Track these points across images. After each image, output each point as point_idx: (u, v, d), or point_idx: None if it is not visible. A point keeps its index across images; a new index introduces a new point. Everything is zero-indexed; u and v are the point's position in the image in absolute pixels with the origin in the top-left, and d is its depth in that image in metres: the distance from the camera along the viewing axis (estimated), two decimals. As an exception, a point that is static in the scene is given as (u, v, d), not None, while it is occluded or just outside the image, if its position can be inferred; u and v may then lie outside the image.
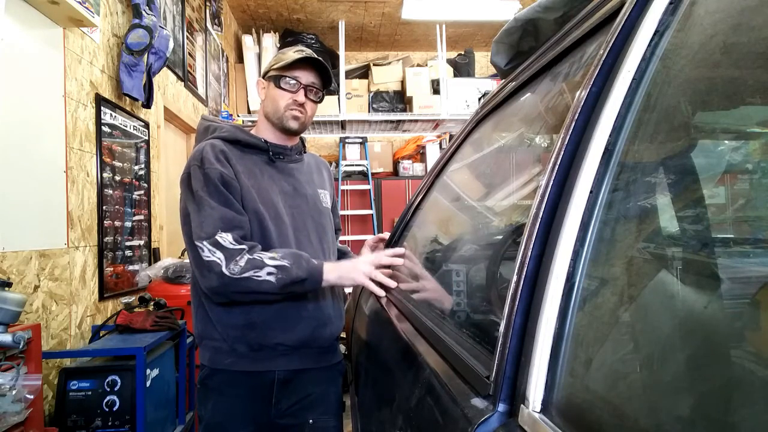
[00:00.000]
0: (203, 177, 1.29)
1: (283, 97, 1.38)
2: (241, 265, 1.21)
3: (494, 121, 1.25)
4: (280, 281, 1.22)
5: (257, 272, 1.21)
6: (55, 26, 2.08)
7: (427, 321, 1.00)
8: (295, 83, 1.38)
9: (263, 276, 1.21)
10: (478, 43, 5.99)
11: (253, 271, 1.21)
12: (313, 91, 1.41)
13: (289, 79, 1.37)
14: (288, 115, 1.39)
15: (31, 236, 1.89)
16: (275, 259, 1.23)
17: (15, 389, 1.39)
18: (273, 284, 1.22)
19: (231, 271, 1.21)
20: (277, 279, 1.22)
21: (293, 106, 1.38)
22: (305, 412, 1.39)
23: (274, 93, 1.39)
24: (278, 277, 1.22)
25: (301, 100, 1.38)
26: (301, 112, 1.40)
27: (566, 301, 0.54)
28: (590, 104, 0.62)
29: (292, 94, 1.38)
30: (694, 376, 0.45)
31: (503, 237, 1.12)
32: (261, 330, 1.32)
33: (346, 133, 5.60)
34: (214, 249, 1.22)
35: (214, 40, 4.46)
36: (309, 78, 1.39)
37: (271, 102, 1.40)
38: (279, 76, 1.38)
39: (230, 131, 1.39)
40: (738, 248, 0.65)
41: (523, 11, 1.00)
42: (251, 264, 1.22)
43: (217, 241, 1.23)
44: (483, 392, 0.62)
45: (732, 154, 0.77)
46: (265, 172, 1.39)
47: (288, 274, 1.22)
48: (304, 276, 1.24)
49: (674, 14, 0.58)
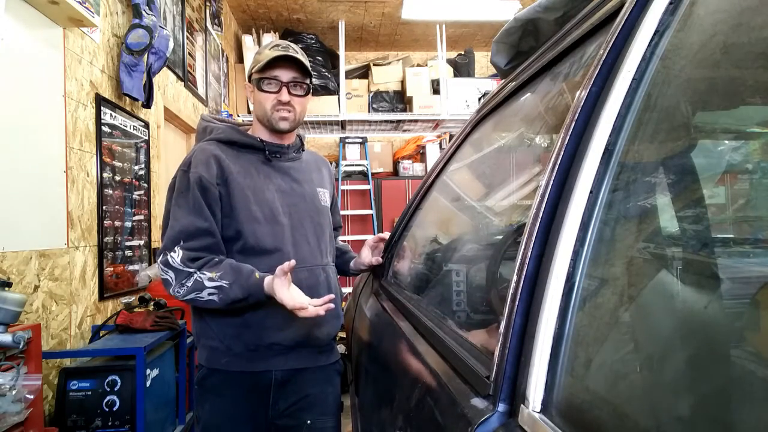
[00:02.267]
0: (183, 181, 1.32)
1: (267, 100, 1.37)
2: (187, 287, 1.26)
3: (494, 122, 1.25)
4: (222, 300, 1.25)
5: (199, 294, 1.25)
6: (55, 26, 2.08)
7: (427, 321, 1.00)
8: (276, 83, 1.36)
9: (205, 297, 1.25)
10: (478, 43, 5.99)
11: (195, 293, 1.26)
12: (297, 86, 1.38)
13: (269, 80, 1.36)
14: (276, 117, 1.38)
15: (31, 236, 1.89)
16: (213, 280, 1.25)
17: (15, 389, 1.39)
18: (217, 303, 1.25)
19: (177, 293, 1.27)
20: (219, 298, 1.25)
21: (278, 107, 1.37)
22: (303, 412, 1.38)
23: (259, 96, 1.38)
24: (219, 296, 1.25)
25: (285, 99, 1.37)
26: (289, 111, 1.38)
27: (566, 301, 0.54)
28: (590, 104, 0.62)
29: (274, 94, 1.36)
30: (694, 376, 0.45)
31: (503, 237, 1.12)
32: (256, 330, 1.32)
33: (346, 133, 5.60)
34: (166, 269, 1.28)
35: (214, 40, 4.46)
36: (289, 74, 1.37)
37: (258, 105, 1.40)
38: (259, 79, 1.37)
39: (225, 132, 1.39)
40: (738, 248, 0.65)
41: (523, 11, 1.00)
42: (193, 286, 1.26)
43: (167, 261, 1.27)
44: (483, 392, 0.62)
45: (732, 154, 0.77)
46: (261, 171, 1.39)
47: (226, 295, 1.25)
48: (242, 296, 1.25)
49: (674, 14, 0.58)
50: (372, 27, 5.48)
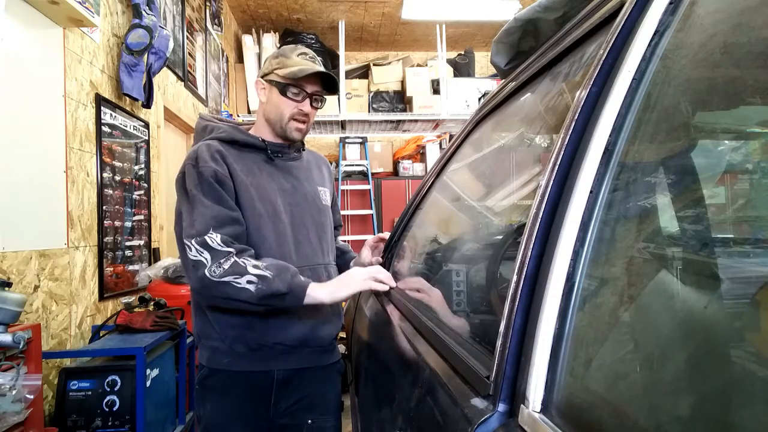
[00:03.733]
0: (197, 175, 1.28)
1: (288, 106, 1.37)
2: (224, 268, 1.19)
3: (494, 121, 1.25)
4: (259, 291, 1.19)
5: (237, 278, 1.18)
6: (55, 26, 2.08)
7: (427, 321, 1.00)
8: (302, 93, 1.37)
9: (243, 284, 1.18)
10: (478, 43, 5.99)
11: (234, 277, 1.18)
12: (319, 100, 1.40)
13: (296, 89, 1.36)
14: (292, 126, 1.38)
15: (31, 236, 1.89)
16: (258, 268, 1.20)
17: (15, 389, 1.39)
18: (251, 293, 1.19)
19: (212, 273, 1.19)
20: (256, 289, 1.19)
21: (297, 116, 1.38)
22: (304, 412, 1.38)
23: (278, 100, 1.37)
24: (258, 287, 1.19)
25: (306, 110, 1.38)
26: (305, 122, 1.39)
27: (566, 301, 0.54)
28: (590, 104, 0.62)
29: (297, 103, 1.37)
30: (694, 376, 0.45)
31: (503, 237, 1.12)
32: (260, 330, 1.31)
33: (346, 133, 5.60)
34: (201, 249, 1.20)
35: (214, 40, 4.46)
36: (314, 87, 1.38)
37: (274, 108, 1.39)
38: (285, 84, 1.36)
39: (228, 131, 1.39)
40: (738, 248, 0.65)
41: (523, 11, 1.00)
42: (233, 269, 1.19)
43: (205, 241, 1.21)
44: (483, 392, 0.62)
45: (732, 154, 0.77)
46: (263, 170, 1.39)
47: (268, 286, 1.19)
48: (284, 290, 1.20)
49: (674, 14, 0.58)
50: (372, 27, 5.48)
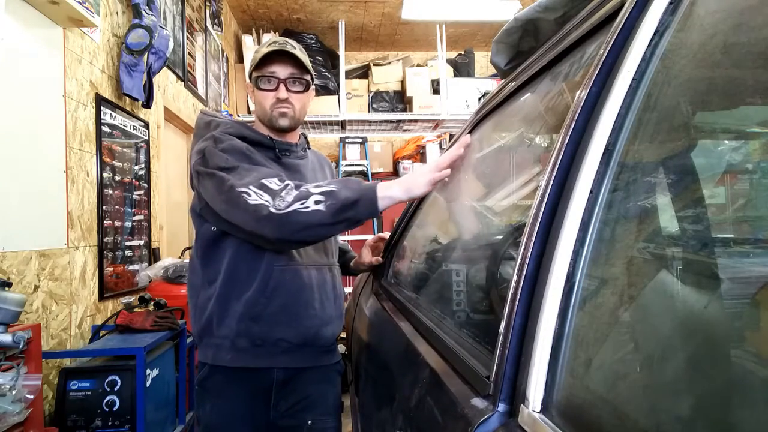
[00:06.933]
0: (225, 151, 1.26)
1: (266, 98, 1.36)
2: (287, 201, 1.13)
3: (494, 121, 1.24)
4: (330, 207, 1.12)
5: (303, 203, 1.13)
6: (55, 26, 2.08)
7: (427, 321, 1.00)
8: (273, 80, 1.35)
9: (311, 206, 1.12)
10: (478, 43, 5.99)
11: (300, 203, 1.13)
12: (296, 82, 1.37)
13: (266, 78, 1.35)
14: (275, 114, 1.37)
15: (31, 236, 1.89)
16: (321, 186, 1.16)
17: (15, 389, 1.39)
18: (323, 212, 1.12)
19: (277, 208, 1.13)
20: (326, 206, 1.13)
21: (277, 105, 1.36)
22: (304, 412, 1.38)
23: (258, 96, 1.37)
24: (327, 203, 1.13)
25: (283, 96, 1.35)
26: (288, 107, 1.37)
27: (566, 301, 0.54)
28: (590, 104, 0.62)
29: (272, 92, 1.35)
30: (694, 376, 0.45)
31: (503, 237, 1.12)
32: (267, 323, 1.30)
33: (346, 133, 5.59)
34: (261, 192, 1.16)
35: (214, 40, 4.46)
36: (287, 70, 1.35)
37: (258, 105, 1.39)
38: (257, 77, 1.36)
39: (236, 128, 1.36)
40: (738, 248, 0.65)
41: (523, 11, 1.00)
42: (296, 196, 1.14)
43: (263, 184, 1.17)
44: (483, 392, 0.62)
45: (732, 154, 0.77)
46: (273, 167, 1.37)
47: (336, 198, 1.13)
48: (355, 197, 1.13)
49: (674, 14, 0.58)
50: (372, 27, 5.48)
